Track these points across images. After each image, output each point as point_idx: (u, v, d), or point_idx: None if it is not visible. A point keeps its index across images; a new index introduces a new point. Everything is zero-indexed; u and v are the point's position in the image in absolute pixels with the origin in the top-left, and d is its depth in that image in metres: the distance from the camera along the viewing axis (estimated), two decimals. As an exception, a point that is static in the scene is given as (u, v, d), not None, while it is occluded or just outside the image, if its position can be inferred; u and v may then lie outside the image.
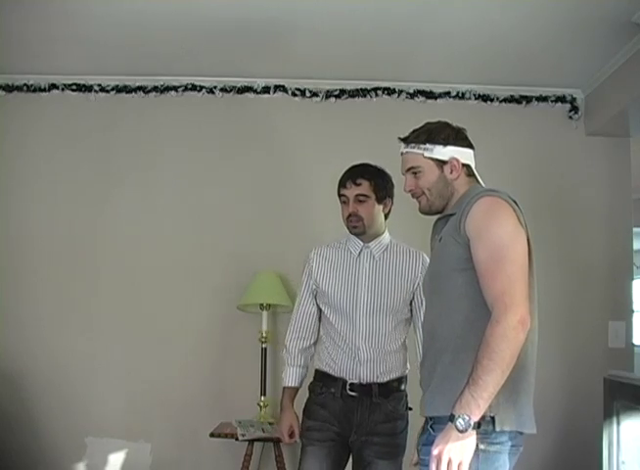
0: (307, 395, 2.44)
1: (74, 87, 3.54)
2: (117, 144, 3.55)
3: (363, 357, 2.29)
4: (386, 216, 2.44)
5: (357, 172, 2.37)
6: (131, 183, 3.53)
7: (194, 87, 3.54)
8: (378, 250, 2.39)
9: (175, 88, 3.54)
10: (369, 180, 2.35)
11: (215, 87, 3.54)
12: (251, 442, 3.00)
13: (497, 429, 1.60)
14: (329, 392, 2.33)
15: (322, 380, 2.37)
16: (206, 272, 3.44)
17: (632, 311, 3.51)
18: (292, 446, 3.15)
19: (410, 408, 2.38)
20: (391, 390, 2.32)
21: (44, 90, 3.54)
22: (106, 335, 3.41)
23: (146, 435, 3.36)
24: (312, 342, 2.48)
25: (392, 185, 2.41)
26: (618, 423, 2.58)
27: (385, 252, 2.40)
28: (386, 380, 2.31)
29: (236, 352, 3.38)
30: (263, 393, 3.19)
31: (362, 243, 2.39)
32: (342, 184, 2.40)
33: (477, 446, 1.58)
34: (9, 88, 3.54)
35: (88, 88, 3.54)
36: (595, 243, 3.46)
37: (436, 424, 1.67)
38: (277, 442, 3.02)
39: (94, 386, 3.37)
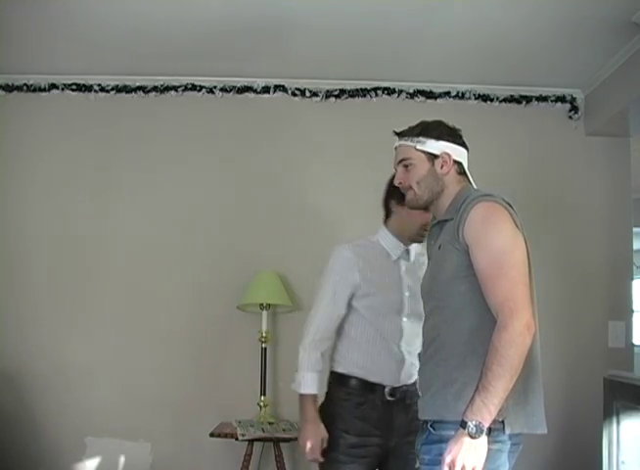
0: (334, 402, 2.26)
1: (74, 87, 3.54)
2: (117, 144, 3.55)
3: (407, 360, 2.24)
4: None
5: None
6: (131, 183, 3.52)
7: (194, 87, 3.54)
8: (414, 252, 2.36)
9: (175, 88, 3.54)
10: None
11: (215, 87, 3.54)
12: (251, 442, 3.00)
13: (507, 432, 1.61)
14: (369, 400, 2.22)
15: (358, 387, 2.24)
16: (206, 272, 3.43)
17: (632, 311, 3.51)
18: (292, 446, 3.16)
19: None
20: (415, 390, 2.24)
21: (44, 90, 3.54)
22: (105, 334, 3.40)
23: (146, 435, 3.35)
24: (330, 345, 2.32)
25: None
26: (618, 423, 2.58)
27: (417, 254, 2.37)
28: (412, 381, 2.27)
29: (236, 352, 3.38)
30: (263, 393, 3.19)
31: (404, 246, 2.32)
32: None
33: None
34: (9, 88, 3.53)
35: (88, 88, 3.54)
36: (595, 243, 3.46)
37: (437, 423, 1.68)
38: (277, 441, 3.01)
39: (94, 386, 3.36)
